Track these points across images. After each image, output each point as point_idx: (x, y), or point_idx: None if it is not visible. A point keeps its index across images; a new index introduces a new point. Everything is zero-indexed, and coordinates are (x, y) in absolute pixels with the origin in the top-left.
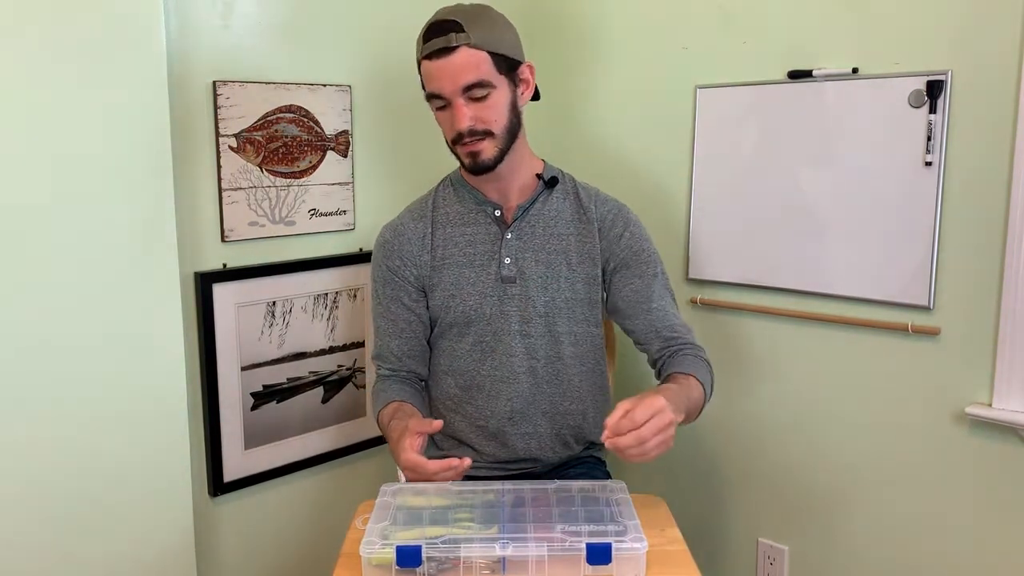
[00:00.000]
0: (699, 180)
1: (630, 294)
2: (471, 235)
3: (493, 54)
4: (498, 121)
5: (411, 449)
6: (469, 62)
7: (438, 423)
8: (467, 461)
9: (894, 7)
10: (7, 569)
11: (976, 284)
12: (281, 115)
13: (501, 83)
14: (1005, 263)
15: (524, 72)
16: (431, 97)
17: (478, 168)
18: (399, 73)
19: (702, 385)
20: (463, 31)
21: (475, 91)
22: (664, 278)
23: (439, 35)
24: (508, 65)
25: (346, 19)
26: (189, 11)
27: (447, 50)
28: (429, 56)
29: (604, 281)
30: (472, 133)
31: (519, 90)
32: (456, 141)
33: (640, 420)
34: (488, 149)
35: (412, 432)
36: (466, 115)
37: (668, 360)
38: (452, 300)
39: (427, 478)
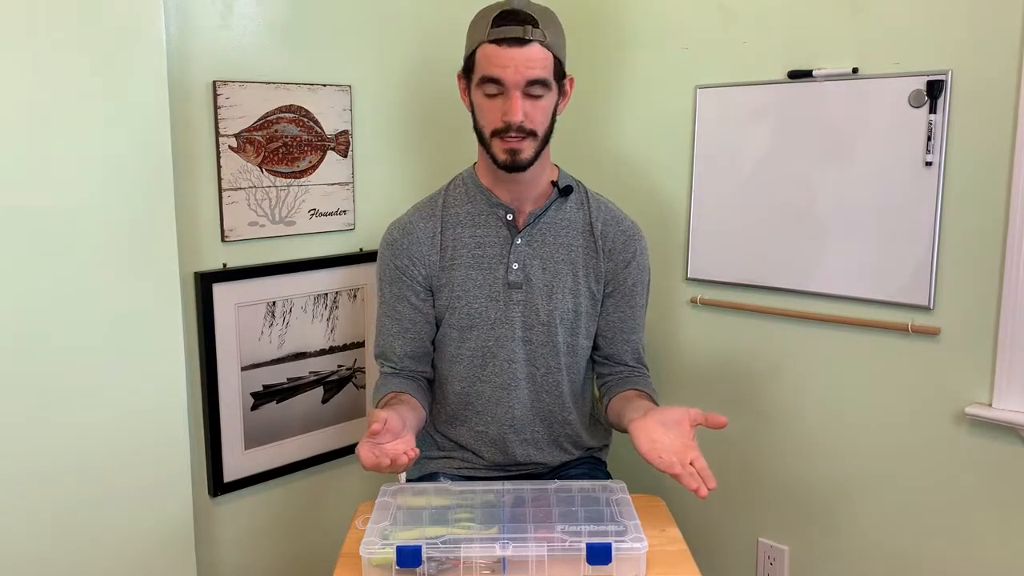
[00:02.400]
0: (699, 180)
1: (616, 321)
2: (480, 237)
3: (556, 59)
4: (543, 124)
5: (377, 418)
6: (538, 59)
7: (413, 452)
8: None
9: (894, 7)
10: (7, 570)
11: (976, 284)
12: (281, 115)
13: (553, 88)
14: (1005, 263)
15: (567, 84)
16: (487, 81)
17: (514, 166)
18: (399, 73)
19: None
20: (538, 27)
21: (535, 88)
22: (647, 304)
23: (515, 24)
24: (560, 73)
25: (346, 19)
26: (189, 11)
27: (521, 41)
28: (499, 41)
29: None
30: (520, 129)
31: (560, 99)
32: (498, 133)
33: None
34: (528, 148)
35: (383, 419)
36: (520, 109)
37: (626, 380)
38: (458, 302)
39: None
